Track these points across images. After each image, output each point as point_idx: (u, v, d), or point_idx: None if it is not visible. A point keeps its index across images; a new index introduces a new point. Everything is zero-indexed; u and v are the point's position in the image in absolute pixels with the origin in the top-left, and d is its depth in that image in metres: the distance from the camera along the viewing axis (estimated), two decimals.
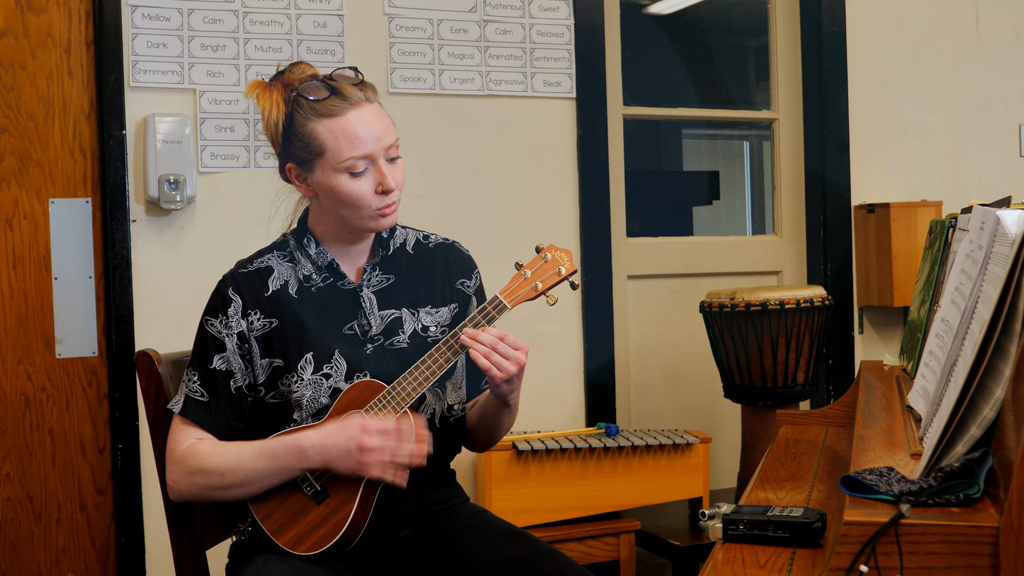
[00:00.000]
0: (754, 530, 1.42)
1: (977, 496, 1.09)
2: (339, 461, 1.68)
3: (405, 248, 1.91)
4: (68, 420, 2.78)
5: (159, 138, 2.76)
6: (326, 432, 1.70)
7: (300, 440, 1.70)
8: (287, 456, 1.71)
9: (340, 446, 1.67)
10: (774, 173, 3.69)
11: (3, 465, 2.73)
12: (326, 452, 1.68)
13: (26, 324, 2.75)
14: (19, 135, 2.74)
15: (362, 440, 1.66)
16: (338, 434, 1.68)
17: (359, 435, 1.67)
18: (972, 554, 1.01)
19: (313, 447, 1.69)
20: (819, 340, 3.02)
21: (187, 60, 2.83)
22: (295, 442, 1.71)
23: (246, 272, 1.83)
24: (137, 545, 2.77)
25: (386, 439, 1.67)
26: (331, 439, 1.68)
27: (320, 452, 1.69)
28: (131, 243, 2.77)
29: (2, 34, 2.72)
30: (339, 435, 1.68)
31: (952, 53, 3.73)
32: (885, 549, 1.03)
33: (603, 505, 2.92)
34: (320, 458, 1.69)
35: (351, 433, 1.67)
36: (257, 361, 1.79)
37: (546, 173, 3.21)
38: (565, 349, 3.23)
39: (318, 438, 1.69)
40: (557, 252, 1.81)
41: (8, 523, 2.73)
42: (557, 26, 3.20)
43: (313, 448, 1.69)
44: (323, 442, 1.69)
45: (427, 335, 1.84)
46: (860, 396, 1.93)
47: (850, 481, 1.18)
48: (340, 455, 1.67)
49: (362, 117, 1.76)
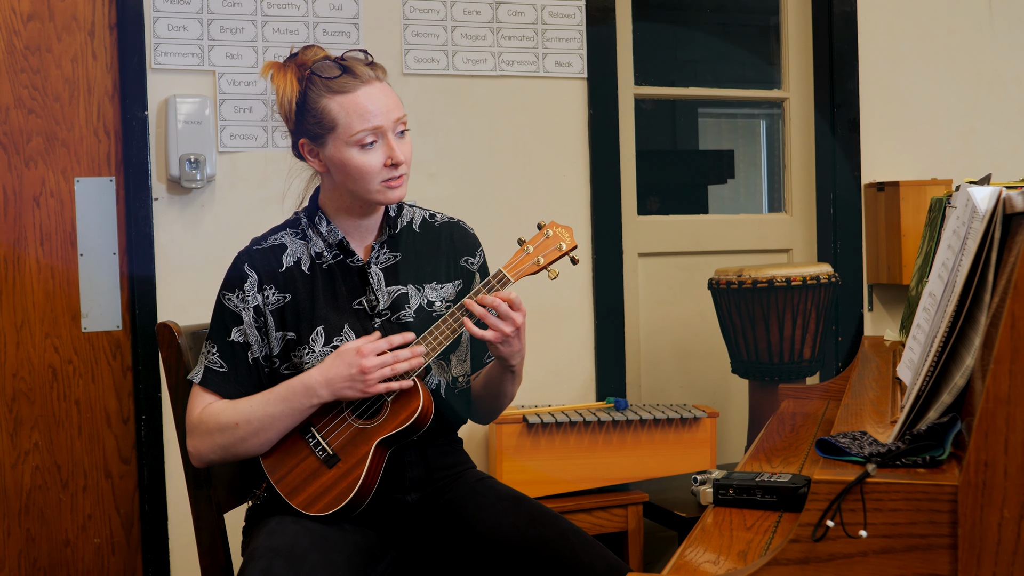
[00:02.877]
0: (743, 495, 1.48)
1: (943, 458, 1.15)
2: (346, 388, 1.77)
3: (412, 227, 1.98)
4: (94, 392, 2.88)
5: (180, 119, 2.83)
6: (326, 366, 1.78)
7: (305, 379, 1.79)
8: (296, 396, 1.79)
9: (343, 374, 1.76)
10: (784, 152, 3.73)
11: (32, 435, 2.83)
12: (332, 384, 1.77)
13: (53, 299, 2.84)
14: (46, 116, 2.83)
15: (361, 363, 1.75)
16: (338, 364, 1.77)
17: (357, 359, 1.75)
18: (933, 511, 1.07)
19: (318, 382, 1.77)
20: (825, 317, 3.07)
21: (207, 43, 2.90)
22: (301, 382, 1.79)
23: (261, 249, 1.91)
24: (160, 512, 2.87)
25: (382, 355, 1.76)
26: (333, 371, 1.77)
27: (326, 385, 1.77)
28: (153, 220, 2.86)
29: (29, 18, 2.81)
30: (339, 365, 1.77)
31: (964, 32, 3.75)
32: (852, 506, 1.09)
33: (612, 477, 2.99)
34: (328, 391, 1.77)
35: (349, 360, 1.76)
36: (272, 334, 1.87)
37: (557, 152, 3.27)
38: (576, 325, 3.30)
39: (321, 373, 1.78)
40: (558, 228, 1.88)
41: (37, 490, 2.84)
42: (568, 7, 3.25)
43: (319, 383, 1.77)
44: (326, 375, 1.77)
45: (432, 310, 1.92)
46: (855, 369, 1.99)
47: (825, 444, 1.24)
48: (345, 382, 1.76)
49: (371, 94, 1.84)
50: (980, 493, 1.06)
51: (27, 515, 2.83)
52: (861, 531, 1.08)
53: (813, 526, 1.09)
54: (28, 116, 2.81)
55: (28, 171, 2.82)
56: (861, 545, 1.09)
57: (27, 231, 2.82)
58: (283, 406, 1.80)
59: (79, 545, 2.87)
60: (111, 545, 2.90)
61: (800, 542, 1.10)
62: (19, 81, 2.80)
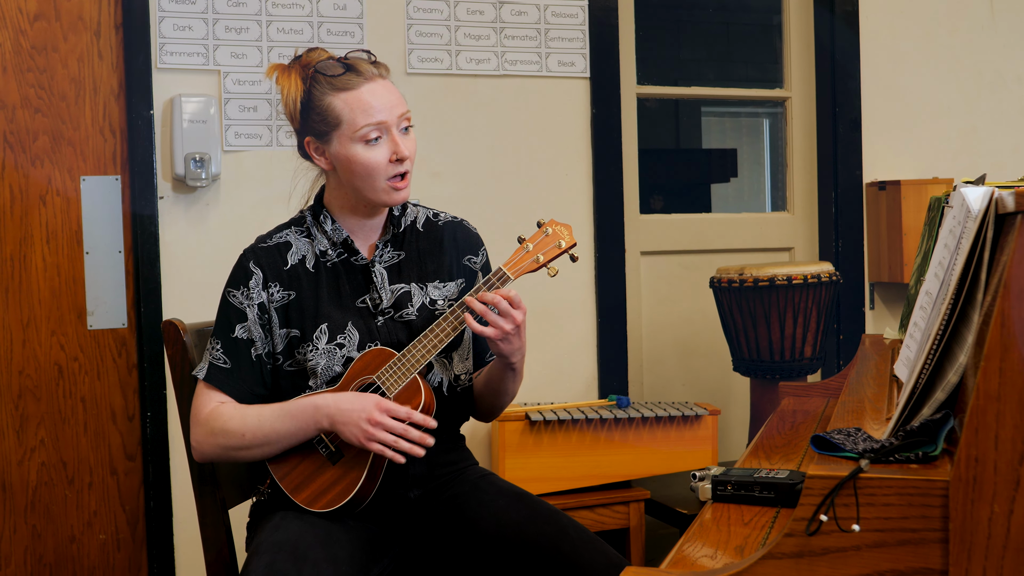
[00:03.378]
0: (741, 491, 1.50)
1: (935, 454, 1.17)
2: (347, 427, 1.77)
3: (415, 226, 2.00)
4: (99, 389, 2.91)
5: (185, 118, 2.86)
6: (343, 397, 1.79)
7: (317, 400, 1.81)
8: (303, 416, 1.81)
9: (353, 412, 1.77)
10: (786, 151, 3.74)
11: (38, 431, 2.86)
12: (338, 415, 1.78)
13: (59, 296, 2.87)
14: (52, 115, 2.85)
15: (373, 414, 1.76)
16: (354, 402, 1.78)
17: (372, 409, 1.76)
18: (924, 505, 1.09)
19: (328, 407, 1.79)
20: (826, 315, 3.09)
21: (212, 42, 2.92)
22: (312, 403, 1.81)
23: (266, 247, 1.93)
24: (165, 508, 2.89)
25: (396, 422, 1.77)
26: (346, 404, 1.78)
27: (332, 414, 1.78)
28: (159, 219, 2.88)
29: (36, 17, 2.83)
30: (354, 403, 1.78)
31: (966, 31, 3.77)
32: (845, 501, 1.11)
33: (614, 475, 3.01)
34: (330, 420, 1.79)
35: (366, 405, 1.77)
36: (276, 331, 1.89)
37: (560, 151, 3.29)
38: (578, 323, 3.32)
39: (334, 401, 1.79)
40: (557, 227, 1.90)
41: (43, 486, 2.86)
42: (571, 7, 3.27)
43: (328, 408, 1.79)
44: (338, 406, 1.79)
45: (435, 308, 1.94)
46: (853, 367, 2.00)
47: (821, 441, 1.26)
48: (349, 422, 1.77)
49: (375, 90, 1.86)
50: (971, 488, 1.07)
51: (33, 511, 2.85)
52: (854, 525, 1.09)
53: (807, 520, 1.11)
54: (35, 115, 2.84)
55: (34, 170, 2.84)
56: (854, 539, 1.10)
57: (33, 229, 2.84)
58: (290, 424, 1.82)
59: (84, 541, 2.90)
60: (116, 541, 2.93)
61: (795, 536, 1.12)
62: (25, 80, 2.82)
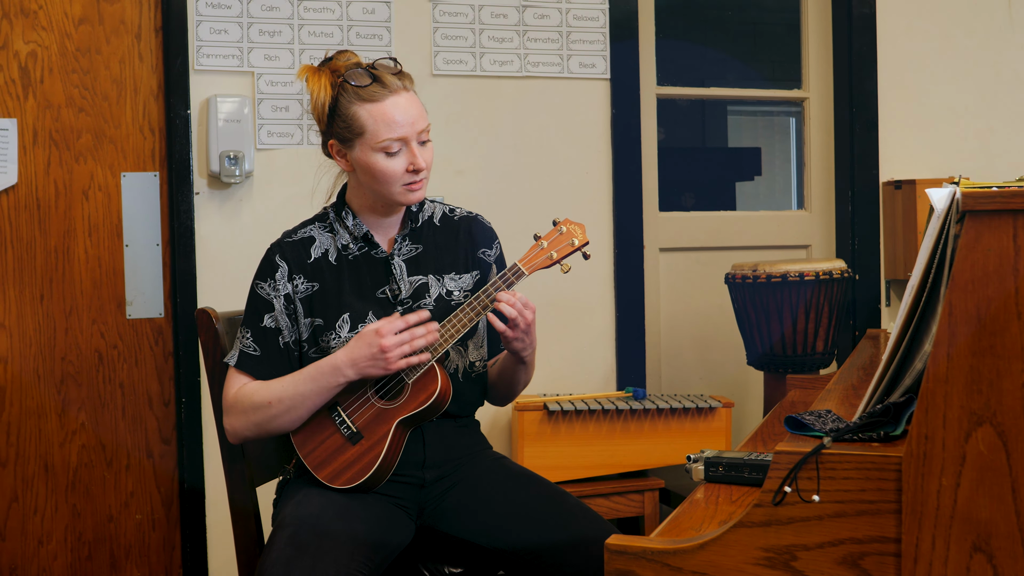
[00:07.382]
0: (731, 472, 1.60)
1: (896, 434, 1.27)
2: (370, 367, 1.91)
3: (432, 221, 2.12)
4: (137, 375, 3.05)
5: (221, 117, 2.99)
6: (350, 347, 1.92)
7: (332, 360, 1.94)
8: (324, 376, 1.93)
9: (365, 354, 1.90)
10: (804, 150, 3.82)
11: (79, 415, 3.01)
12: (356, 363, 1.91)
13: (100, 287, 3.02)
14: (94, 114, 3.00)
15: (381, 342, 1.89)
16: (360, 345, 1.91)
17: (377, 340, 1.89)
18: (880, 479, 1.19)
19: (344, 362, 1.92)
20: (838, 311, 3.17)
21: (246, 45, 3.06)
22: (328, 363, 1.94)
23: (291, 241, 2.06)
24: (198, 490, 3.03)
25: (401, 335, 1.90)
26: (356, 352, 1.91)
27: (351, 365, 1.91)
28: (195, 214, 3.02)
29: (80, 21, 2.98)
30: (361, 346, 1.91)
31: (983, 33, 3.81)
32: (809, 475, 1.21)
33: (629, 464, 3.10)
34: (353, 370, 1.92)
35: (370, 340, 1.90)
36: (301, 320, 2.01)
37: (581, 151, 3.39)
38: (598, 317, 3.42)
39: (346, 354, 1.92)
40: (571, 225, 2.00)
41: (83, 468, 3.01)
42: (592, 10, 3.37)
43: (344, 363, 1.92)
44: (350, 356, 1.92)
45: (451, 299, 2.05)
46: (849, 358, 2.09)
47: (793, 421, 1.36)
48: (368, 361, 1.90)
49: (398, 104, 1.97)
50: (921, 463, 1.17)
51: (73, 491, 3.00)
52: (814, 496, 1.19)
53: (774, 492, 1.21)
54: (78, 114, 2.98)
55: (78, 166, 2.99)
56: (816, 509, 1.20)
57: (76, 223, 2.99)
58: (312, 385, 1.94)
59: (121, 521, 3.05)
60: (151, 521, 3.07)
61: (763, 507, 1.23)
62: (70, 81, 2.97)
